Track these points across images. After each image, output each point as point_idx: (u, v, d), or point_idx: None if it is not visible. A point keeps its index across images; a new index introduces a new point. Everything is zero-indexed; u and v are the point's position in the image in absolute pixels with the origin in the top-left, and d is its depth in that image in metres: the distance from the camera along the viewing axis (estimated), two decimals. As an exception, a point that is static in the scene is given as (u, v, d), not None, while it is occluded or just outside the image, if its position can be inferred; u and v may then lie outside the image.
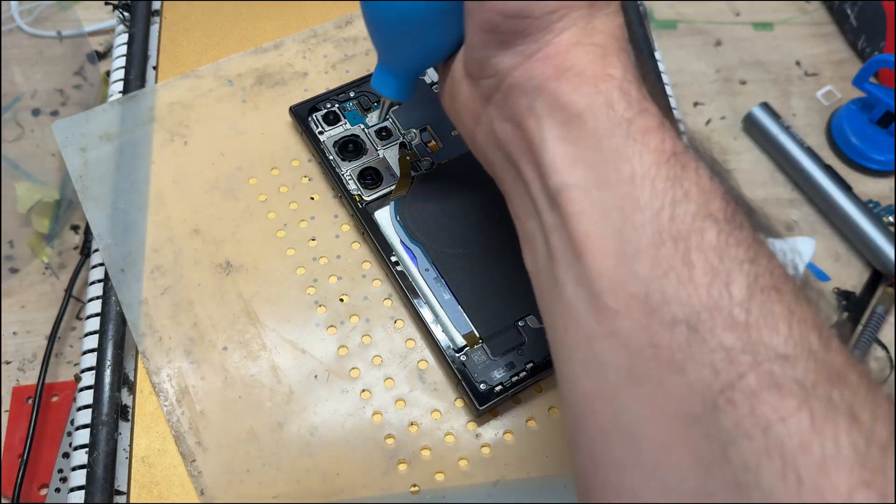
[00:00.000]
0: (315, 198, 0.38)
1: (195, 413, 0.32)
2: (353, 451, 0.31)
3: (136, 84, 0.41)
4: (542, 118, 0.22)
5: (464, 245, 0.35)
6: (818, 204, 0.53)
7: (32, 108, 0.51)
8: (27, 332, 0.44)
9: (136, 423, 0.32)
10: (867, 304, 0.50)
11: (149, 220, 0.36)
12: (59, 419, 0.40)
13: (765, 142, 0.55)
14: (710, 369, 0.18)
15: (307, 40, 0.43)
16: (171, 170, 0.38)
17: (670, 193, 0.20)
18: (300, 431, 0.32)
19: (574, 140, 0.21)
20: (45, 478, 0.39)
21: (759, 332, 0.18)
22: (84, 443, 0.32)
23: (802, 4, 0.63)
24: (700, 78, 0.59)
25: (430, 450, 0.32)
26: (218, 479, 0.31)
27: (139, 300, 0.34)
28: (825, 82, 0.59)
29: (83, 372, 0.34)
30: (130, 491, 0.31)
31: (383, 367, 0.33)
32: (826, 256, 0.52)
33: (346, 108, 0.39)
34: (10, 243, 0.46)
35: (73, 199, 0.47)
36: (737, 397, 0.17)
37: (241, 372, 0.33)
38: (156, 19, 0.44)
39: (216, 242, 0.36)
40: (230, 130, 0.39)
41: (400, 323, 0.34)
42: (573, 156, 0.21)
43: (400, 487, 0.31)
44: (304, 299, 0.35)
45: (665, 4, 0.62)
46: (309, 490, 0.31)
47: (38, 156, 0.49)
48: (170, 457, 0.31)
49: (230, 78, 0.41)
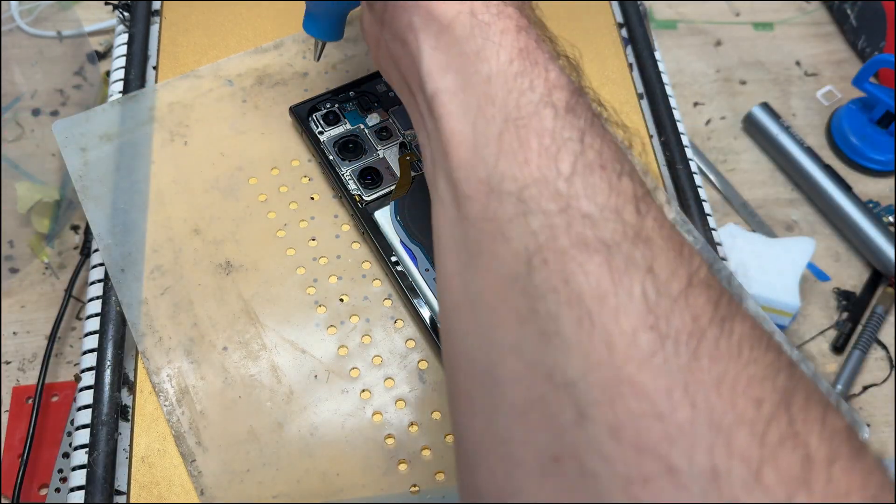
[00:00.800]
0: (315, 198, 0.38)
1: (195, 413, 0.32)
2: (353, 451, 0.31)
3: (136, 84, 0.41)
4: (419, 31, 0.25)
5: (464, 245, 0.35)
6: (818, 204, 0.53)
7: (32, 108, 0.51)
8: (27, 332, 0.44)
9: (136, 423, 0.32)
10: (867, 304, 0.50)
11: (149, 220, 0.36)
12: (59, 419, 0.40)
13: (765, 142, 0.55)
14: (530, 235, 0.20)
15: (307, 40, 0.43)
16: (171, 170, 0.38)
17: (518, 85, 0.22)
18: (300, 431, 0.32)
19: (444, 48, 0.24)
20: (45, 478, 0.39)
21: (577, 201, 0.20)
22: (84, 443, 0.32)
23: (802, 4, 0.63)
24: (700, 78, 0.59)
25: (430, 450, 0.32)
26: (218, 479, 0.31)
27: (139, 300, 0.34)
28: (825, 82, 0.59)
29: (83, 372, 0.34)
30: (130, 491, 0.31)
31: (383, 367, 0.33)
32: (826, 256, 0.52)
33: (346, 108, 0.39)
34: (10, 243, 0.46)
35: (73, 199, 0.47)
36: (549, 256, 0.20)
37: (241, 372, 0.33)
38: (156, 19, 0.44)
39: (216, 242, 0.36)
40: (230, 130, 0.39)
41: (400, 323, 0.34)
42: (444, 63, 0.24)
43: (400, 487, 0.31)
44: (304, 299, 0.35)
45: (665, 4, 0.62)
46: (309, 490, 0.31)
47: (38, 156, 0.49)
48: (170, 457, 0.31)
49: (230, 78, 0.41)
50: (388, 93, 0.40)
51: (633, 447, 0.17)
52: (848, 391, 0.47)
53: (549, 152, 0.21)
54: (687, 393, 0.17)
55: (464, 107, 0.23)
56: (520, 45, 0.23)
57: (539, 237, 0.20)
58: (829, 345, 0.49)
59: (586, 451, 0.17)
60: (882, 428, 0.46)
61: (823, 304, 0.50)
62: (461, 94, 0.23)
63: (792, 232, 0.53)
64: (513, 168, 0.21)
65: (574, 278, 0.19)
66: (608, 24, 0.46)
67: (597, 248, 0.19)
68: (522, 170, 0.21)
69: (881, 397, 0.47)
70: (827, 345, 0.49)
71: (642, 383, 0.17)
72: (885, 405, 0.47)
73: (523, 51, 0.23)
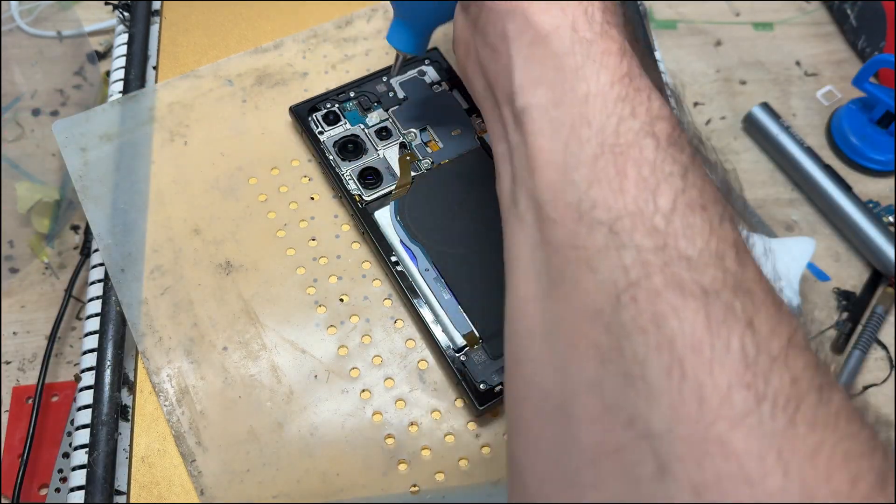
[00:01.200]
0: (315, 198, 0.38)
1: (195, 413, 0.32)
2: (353, 451, 0.31)
3: (136, 84, 0.41)
4: (513, 40, 0.23)
5: (464, 245, 0.35)
6: (818, 204, 0.53)
7: (32, 108, 0.51)
8: (27, 332, 0.44)
9: (136, 423, 0.32)
10: (867, 304, 0.50)
11: (149, 220, 0.36)
12: (59, 419, 0.40)
13: (765, 142, 0.55)
14: (620, 269, 0.19)
15: (307, 40, 0.43)
16: (171, 170, 0.38)
17: (619, 111, 0.21)
18: (300, 431, 0.32)
19: (539, 60, 0.23)
20: (45, 478, 0.39)
21: (675, 239, 0.19)
22: (84, 443, 0.32)
23: (802, 4, 0.63)
24: (700, 78, 0.59)
25: (430, 450, 0.32)
26: (218, 479, 0.31)
27: (139, 300, 0.34)
28: (825, 82, 0.59)
29: (83, 372, 0.34)
30: (130, 491, 0.31)
31: (383, 367, 0.33)
32: (826, 256, 0.52)
33: (346, 108, 0.39)
34: (10, 243, 0.46)
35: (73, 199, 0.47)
36: (640, 295, 0.18)
37: (241, 372, 0.33)
38: (156, 19, 0.44)
39: (216, 242, 0.36)
40: (230, 130, 0.39)
41: (400, 323, 0.34)
42: (537, 76, 0.23)
43: (400, 487, 0.31)
44: (304, 299, 0.35)
45: (665, 4, 0.62)
46: (309, 490, 0.31)
47: (38, 156, 0.49)
48: (170, 457, 0.31)
49: (230, 78, 0.41)
50: (389, 93, 0.40)
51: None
52: (848, 391, 0.47)
53: (648, 185, 0.20)
54: (780, 459, 0.16)
55: (555, 125, 0.22)
56: (623, 69, 0.22)
57: (631, 273, 0.19)
58: (829, 345, 0.49)
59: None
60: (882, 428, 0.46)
61: (823, 304, 0.50)
62: (554, 111, 0.22)
63: (792, 232, 0.53)
64: (606, 196, 0.20)
65: (666, 322, 0.18)
66: (608, 24, 0.46)
67: (694, 293, 0.18)
68: (617, 199, 0.20)
69: (881, 397, 0.47)
70: (827, 345, 0.49)
71: (733, 444, 0.16)
72: (885, 405, 0.47)
73: (626, 76, 0.22)
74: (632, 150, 0.20)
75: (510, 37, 0.23)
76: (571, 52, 0.22)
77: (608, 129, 0.21)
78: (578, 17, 0.22)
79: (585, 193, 0.20)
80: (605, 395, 0.18)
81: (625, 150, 0.20)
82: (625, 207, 0.19)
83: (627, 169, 0.20)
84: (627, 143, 0.20)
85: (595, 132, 0.21)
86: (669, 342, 0.17)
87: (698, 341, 0.17)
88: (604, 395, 0.18)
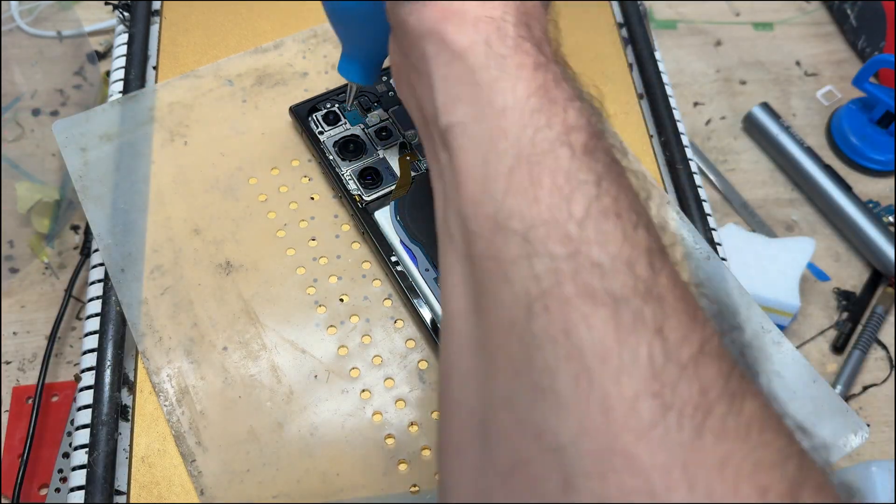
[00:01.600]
0: (315, 198, 0.38)
1: (195, 413, 0.32)
2: (353, 451, 0.31)
3: (136, 84, 0.41)
4: (431, 59, 0.24)
5: (464, 245, 0.35)
6: (818, 204, 0.53)
7: (32, 108, 0.51)
8: (27, 332, 0.44)
9: (136, 423, 0.32)
10: (867, 304, 0.50)
11: (149, 220, 0.36)
12: (59, 419, 0.40)
13: (765, 142, 0.55)
14: (532, 279, 0.19)
15: (307, 40, 0.43)
16: (171, 170, 0.38)
17: (535, 122, 0.21)
18: (300, 431, 0.32)
19: (457, 78, 0.23)
20: (45, 478, 0.39)
21: (588, 246, 0.19)
22: (84, 443, 0.32)
23: (802, 4, 0.63)
24: (700, 78, 0.59)
25: (430, 450, 0.32)
26: (218, 479, 0.31)
27: (139, 300, 0.34)
28: (825, 82, 0.59)
29: (83, 372, 0.34)
30: (130, 491, 0.31)
31: (383, 367, 0.33)
32: (826, 256, 0.52)
33: (346, 108, 0.39)
34: (10, 243, 0.46)
35: (73, 199, 0.47)
36: (551, 304, 0.18)
37: (241, 372, 0.33)
38: (156, 19, 0.44)
39: (216, 242, 0.36)
40: (230, 130, 0.39)
41: (400, 323, 0.34)
42: (456, 94, 0.23)
43: (400, 487, 0.31)
44: (304, 299, 0.35)
45: (665, 4, 0.62)
46: (309, 490, 0.31)
47: (38, 156, 0.49)
48: (170, 457, 0.31)
49: (230, 78, 0.41)
50: (389, 93, 0.40)
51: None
52: (848, 391, 0.47)
53: (563, 193, 0.20)
54: (686, 473, 0.16)
55: (476, 140, 0.22)
56: (538, 81, 0.22)
57: (542, 282, 0.19)
58: (829, 345, 0.49)
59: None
60: (882, 428, 0.46)
61: (823, 304, 0.50)
62: (473, 127, 0.22)
63: (792, 232, 0.53)
64: (521, 206, 0.20)
65: (576, 330, 0.18)
66: (608, 24, 0.46)
67: (604, 301, 0.18)
68: (531, 208, 0.20)
69: (881, 397, 0.47)
70: (827, 345, 0.49)
71: (638, 457, 0.16)
72: (885, 405, 0.47)
73: (541, 88, 0.22)
74: (547, 160, 0.20)
75: (429, 57, 0.24)
76: (486, 67, 0.22)
77: (524, 140, 0.21)
78: (491, 33, 0.23)
79: (502, 204, 0.20)
80: (516, 409, 0.18)
81: (540, 160, 0.20)
82: (539, 216, 0.19)
83: (542, 178, 0.20)
84: (542, 153, 0.20)
85: (511, 143, 0.21)
86: (579, 351, 0.17)
87: (607, 350, 0.17)
88: (515, 409, 0.18)
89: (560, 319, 0.18)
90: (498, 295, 0.20)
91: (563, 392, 0.17)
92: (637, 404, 0.16)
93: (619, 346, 0.17)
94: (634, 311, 0.18)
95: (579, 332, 0.17)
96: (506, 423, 0.18)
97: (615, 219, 0.19)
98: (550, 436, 0.17)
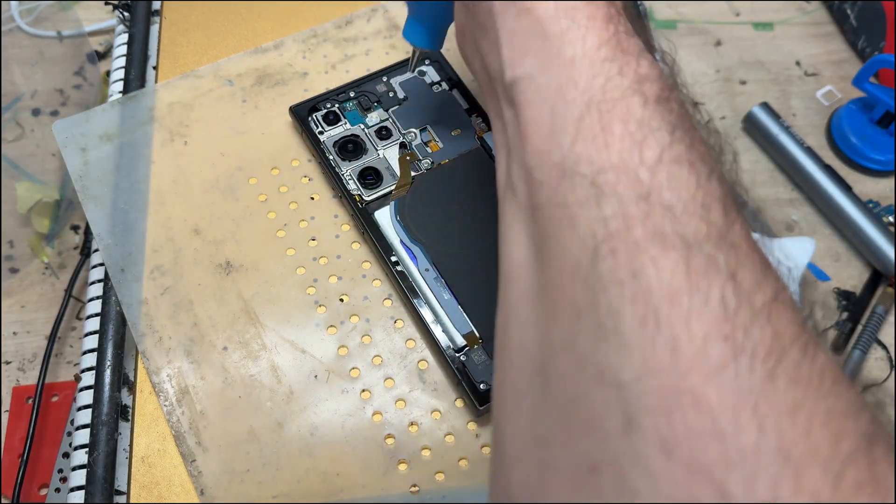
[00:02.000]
0: (315, 198, 0.38)
1: (195, 413, 0.32)
2: (353, 451, 0.31)
3: (136, 84, 0.41)
4: (499, 14, 0.23)
5: (464, 245, 0.35)
6: (818, 204, 0.53)
7: (32, 108, 0.51)
8: (27, 332, 0.44)
9: (136, 423, 0.32)
10: (867, 304, 0.50)
11: (149, 220, 0.36)
12: (59, 419, 0.40)
13: (765, 142, 0.55)
14: (600, 221, 0.18)
15: (307, 40, 0.43)
16: (171, 170, 0.38)
17: (606, 71, 0.21)
18: (300, 431, 0.32)
19: (525, 30, 0.22)
20: (45, 478, 0.38)
21: (659, 190, 0.18)
22: (84, 443, 0.32)
23: (802, 4, 0.63)
24: (700, 78, 0.59)
25: (430, 450, 0.32)
26: (218, 479, 0.31)
27: (139, 300, 0.34)
28: (825, 82, 0.59)
29: (83, 372, 0.34)
30: (130, 491, 0.31)
31: (383, 367, 0.33)
32: (826, 256, 0.52)
33: (346, 108, 0.39)
34: (10, 243, 0.46)
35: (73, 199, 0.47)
36: (619, 246, 0.18)
37: (241, 372, 0.33)
38: (156, 19, 0.44)
39: (216, 242, 0.36)
40: (230, 130, 0.39)
41: (400, 323, 0.34)
42: (524, 47, 0.22)
43: (400, 487, 0.31)
44: (304, 299, 0.35)
45: (665, 4, 0.62)
46: (309, 490, 0.31)
47: (38, 156, 0.49)
48: (170, 457, 0.31)
49: (230, 78, 0.41)
50: (389, 93, 0.40)
51: (684, 466, 0.15)
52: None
53: (634, 139, 0.19)
54: (756, 414, 0.15)
55: (543, 92, 0.21)
56: (609, 32, 0.21)
57: (610, 224, 0.18)
58: (829, 345, 0.49)
59: (630, 465, 0.16)
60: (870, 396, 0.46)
61: (823, 304, 0.50)
62: (540, 78, 0.22)
63: (792, 232, 0.53)
64: (590, 151, 0.19)
65: (644, 273, 0.17)
66: (608, 24, 0.46)
67: (674, 245, 0.17)
68: (601, 154, 0.19)
69: (881, 397, 0.47)
70: (827, 345, 0.49)
71: (706, 396, 0.15)
72: (885, 405, 0.47)
73: (613, 37, 0.21)
74: (618, 107, 0.20)
75: (496, 12, 0.23)
76: (556, 17, 0.22)
77: (595, 89, 0.20)
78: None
79: (570, 150, 0.20)
80: (577, 349, 0.18)
81: (611, 108, 0.20)
82: (609, 160, 0.19)
83: (613, 125, 0.20)
84: (614, 100, 0.20)
85: (581, 92, 0.20)
86: (645, 293, 0.17)
87: (676, 292, 0.17)
88: (576, 349, 0.18)
89: (627, 262, 0.17)
90: (562, 240, 0.19)
91: (628, 333, 0.17)
92: (707, 346, 0.16)
93: (689, 289, 0.17)
94: (707, 255, 0.17)
95: (647, 275, 0.17)
96: (566, 364, 0.18)
97: (688, 166, 0.19)
98: (612, 374, 0.17)
